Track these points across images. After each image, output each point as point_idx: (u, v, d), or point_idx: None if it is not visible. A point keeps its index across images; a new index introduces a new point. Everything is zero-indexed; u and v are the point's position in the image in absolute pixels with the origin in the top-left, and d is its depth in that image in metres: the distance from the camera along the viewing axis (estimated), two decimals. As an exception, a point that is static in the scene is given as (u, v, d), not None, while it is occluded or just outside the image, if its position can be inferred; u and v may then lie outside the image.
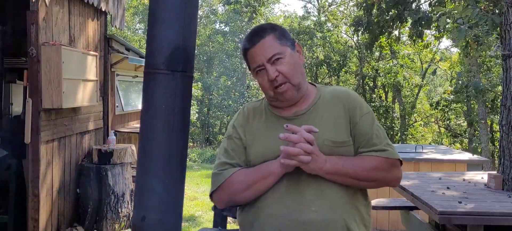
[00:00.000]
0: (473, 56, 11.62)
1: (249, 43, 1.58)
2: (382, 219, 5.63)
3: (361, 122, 1.57)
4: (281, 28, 1.64)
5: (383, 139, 1.58)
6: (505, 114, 3.68)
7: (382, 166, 1.54)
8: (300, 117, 1.59)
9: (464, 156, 6.04)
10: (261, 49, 1.55)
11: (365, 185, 1.59)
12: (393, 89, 18.40)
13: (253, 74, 1.62)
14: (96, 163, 5.02)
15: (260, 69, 1.56)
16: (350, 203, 1.54)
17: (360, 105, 1.60)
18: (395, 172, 1.58)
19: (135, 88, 7.93)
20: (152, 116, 1.29)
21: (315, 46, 19.12)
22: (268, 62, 1.54)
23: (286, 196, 1.53)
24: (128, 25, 20.91)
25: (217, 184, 1.59)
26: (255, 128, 1.64)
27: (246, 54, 1.60)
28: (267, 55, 1.54)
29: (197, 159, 12.83)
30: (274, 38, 1.57)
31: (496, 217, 2.88)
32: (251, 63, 1.59)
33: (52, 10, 4.38)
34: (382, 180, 1.58)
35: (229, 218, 2.49)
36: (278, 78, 1.53)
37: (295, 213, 1.50)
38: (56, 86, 4.22)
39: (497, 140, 14.47)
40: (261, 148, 1.59)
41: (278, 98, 1.58)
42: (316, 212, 1.49)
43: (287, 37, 1.61)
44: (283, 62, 1.54)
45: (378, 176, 1.55)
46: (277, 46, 1.55)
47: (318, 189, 1.51)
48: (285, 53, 1.56)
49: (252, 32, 1.61)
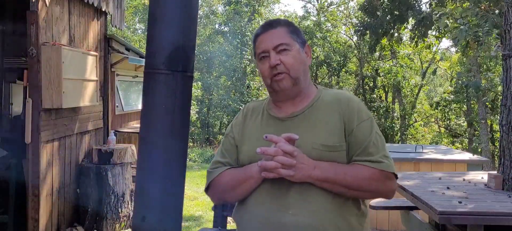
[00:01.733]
0: (473, 56, 11.62)
1: (261, 29, 1.62)
2: (382, 219, 5.63)
3: (357, 129, 1.53)
4: (296, 26, 1.67)
5: (380, 150, 1.52)
6: (505, 114, 3.68)
7: (376, 177, 1.49)
8: (295, 118, 1.58)
9: (464, 156, 6.04)
10: (270, 36, 1.58)
11: (357, 194, 1.52)
12: (393, 89, 18.41)
13: (257, 61, 1.64)
14: (96, 163, 5.02)
15: (264, 55, 1.58)
16: (337, 211, 1.50)
17: (359, 112, 1.56)
18: (388, 184, 1.53)
19: (135, 88, 7.93)
20: (152, 116, 1.29)
21: (315, 46, 19.12)
22: (274, 50, 1.56)
23: (268, 198, 1.53)
24: (128, 25, 20.91)
25: (208, 182, 1.66)
26: (249, 127, 1.66)
27: (256, 40, 1.62)
28: (274, 42, 1.56)
29: (197, 159, 12.82)
30: (286, 31, 1.60)
31: (496, 217, 2.88)
32: (257, 48, 1.61)
33: (52, 10, 4.38)
34: (374, 191, 1.53)
35: (229, 218, 2.49)
36: (279, 66, 1.54)
37: (274, 215, 1.50)
38: (56, 86, 4.22)
39: (497, 140, 14.46)
40: (250, 147, 1.60)
41: (273, 88, 1.58)
42: (295, 216, 1.47)
43: (299, 35, 1.63)
44: (289, 54, 1.56)
45: (370, 187, 1.50)
46: (287, 38, 1.58)
47: (301, 193, 1.49)
48: (293, 46, 1.58)
49: (268, 21, 1.66)
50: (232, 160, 1.65)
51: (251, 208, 1.57)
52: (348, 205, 1.53)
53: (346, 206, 1.52)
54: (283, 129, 1.56)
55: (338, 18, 20.89)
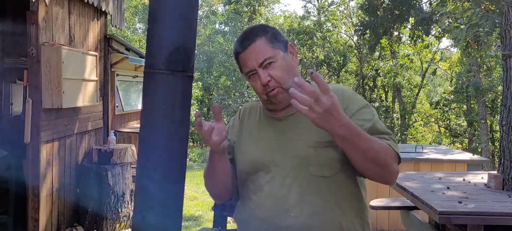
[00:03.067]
0: (473, 56, 11.62)
1: (240, 47, 1.54)
2: (382, 219, 5.63)
3: (358, 114, 1.49)
4: (273, 29, 1.59)
5: (384, 131, 1.50)
6: (505, 114, 3.68)
7: (390, 152, 1.43)
8: (290, 117, 1.57)
9: (464, 156, 6.03)
10: (252, 54, 1.51)
11: (368, 166, 1.41)
12: (393, 89, 18.41)
13: (246, 78, 1.60)
14: (96, 163, 5.02)
15: (253, 73, 1.52)
16: (340, 210, 1.49)
17: (355, 101, 1.53)
18: (395, 165, 1.47)
19: (135, 88, 7.93)
20: (152, 116, 1.29)
21: (315, 46, 19.12)
22: (260, 67, 1.50)
23: (268, 200, 1.51)
24: (128, 25, 20.90)
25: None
26: (247, 127, 1.66)
27: (238, 58, 1.57)
28: (258, 59, 1.49)
29: (197, 159, 12.82)
30: (265, 42, 1.52)
31: (496, 217, 2.88)
32: (243, 67, 1.55)
33: (52, 10, 4.38)
34: (385, 166, 1.42)
35: (229, 218, 2.49)
36: (270, 83, 1.50)
37: (274, 218, 1.49)
38: (56, 86, 4.22)
39: (497, 140, 14.47)
40: (247, 147, 1.60)
41: (271, 101, 1.55)
42: (296, 218, 1.46)
43: (279, 39, 1.55)
44: (275, 66, 1.50)
45: (385, 158, 1.41)
46: (269, 50, 1.51)
47: (301, 194, 1.48)
48: (277, 56, 1.51)
49: (243, 35, 1.57)
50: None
51: (252, 210, 1.56)
52: (350, 203, 1.52)
53: (351, 204, 1.52)
54: (280, 128, 1.56)
55: (338, 18, 20.88)
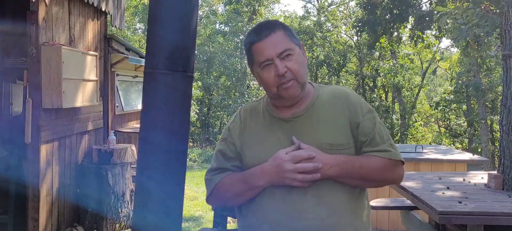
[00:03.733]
0: (473, 56, 11.62)
1: (257, 37, 1.53)
2: (382, 219, 5.63)
3: (363, 122, 1.56)
4: (289, 27, 1.61)
5: (385, 139, 1.56)
6: (505, 114, 3.68)
7: (387, 166, 1.54)
8: (297, 118, 1.57)
9: (464, 156, 6.03)
10: (271, 43, 1.50)
11: (371, 185, 1.60)
12: (393, 89, 18.40)
13: (256, 69, 1.55)
14: (96, 163, 5.02)
15: (268, 64, 1.50)
16: (353, 210, 1.53)
17: (361, 105, 1.59)
18: (398, 171, 1.58)
19: (135, 88, 7.93)
20: (152, 116, 1.29)
21: (315, 46, 19.12)
22: (278, 57, 1.49)
23: (282, 203, 1.50)
24: (128, 25, 20.89)
25: (209, 190, 1.62)
26: (252, 129, 1.62)
27: (251, 48, 1.54)
28: (278, 49, 1.49)
29: (197, 159, 12.81)
30: (284, 34, 1.53)
31: (496, 217, 2.88)
32: (257, 56, 1.52)
33: (52, 10, 4.38)
34: (386, 180, 1.60)
35: (229, 218, 2.49)
36: (287, 74, 1.49)
37: (292, 221, 1.48)
38: (56, 86, 4.22)
39: (497, 140, 14.47)
40: (256, 150, 1.58)
41: (280, 95, 1.53)
42: (314, 219, 1.47)
43: (295, 36, 1.59)
44: (293, 59, 1.51)
45: (383, 176, 1.55)
46: (288, 42, 1.52)
47: (315, 195, 1.49)
48: (294, 50, 1.53)
49: (261, 26, 1.56)
50: (232, 165, 1.62)
51: (263, 214, 1.53)
52: (359, 200, 1.57)
53: (360, 203, 1.56)
54: (288, 130, 1.55)
55: (338, 18, 20.88)
